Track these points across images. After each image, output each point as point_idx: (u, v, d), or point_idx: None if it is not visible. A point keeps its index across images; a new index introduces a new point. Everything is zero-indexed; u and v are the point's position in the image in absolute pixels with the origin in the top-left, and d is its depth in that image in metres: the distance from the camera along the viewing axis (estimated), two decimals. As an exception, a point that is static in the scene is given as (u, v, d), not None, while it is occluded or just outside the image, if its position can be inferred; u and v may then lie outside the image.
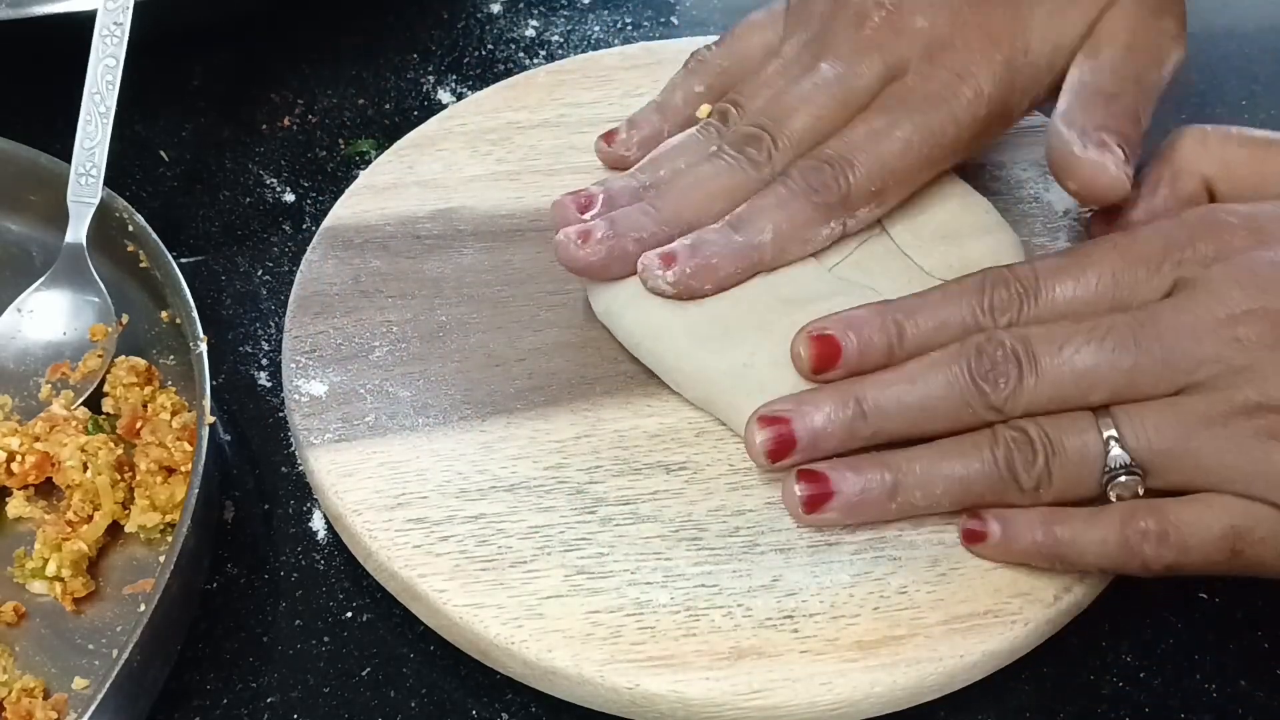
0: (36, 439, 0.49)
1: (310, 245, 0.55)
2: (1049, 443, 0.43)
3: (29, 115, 0.61)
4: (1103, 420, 0.43)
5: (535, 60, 0.68)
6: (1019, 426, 0.44)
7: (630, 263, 0.50)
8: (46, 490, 0.50)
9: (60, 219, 0.55)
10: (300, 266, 0.55)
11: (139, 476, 0.48)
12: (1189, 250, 0.44)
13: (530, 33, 0.69)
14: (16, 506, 0.49)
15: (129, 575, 0.48)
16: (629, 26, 0.70)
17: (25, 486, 0.49)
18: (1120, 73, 0.50)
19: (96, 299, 0.54)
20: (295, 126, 0.65)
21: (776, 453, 0.45)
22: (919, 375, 0.45)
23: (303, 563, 0.49)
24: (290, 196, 0.62)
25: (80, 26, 0.57)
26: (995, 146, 0.57)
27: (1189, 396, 0.42)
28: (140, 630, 0.42)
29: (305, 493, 0.51)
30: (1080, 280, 0.45)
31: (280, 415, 0.53)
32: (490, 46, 0.69)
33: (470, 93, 0.63)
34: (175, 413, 0.50)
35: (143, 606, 0.42)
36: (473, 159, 0.58)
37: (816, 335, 0.46)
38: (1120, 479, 0.43)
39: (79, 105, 0.55)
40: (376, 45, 0.69)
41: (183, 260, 0.56)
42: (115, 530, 0.49)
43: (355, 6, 0.71)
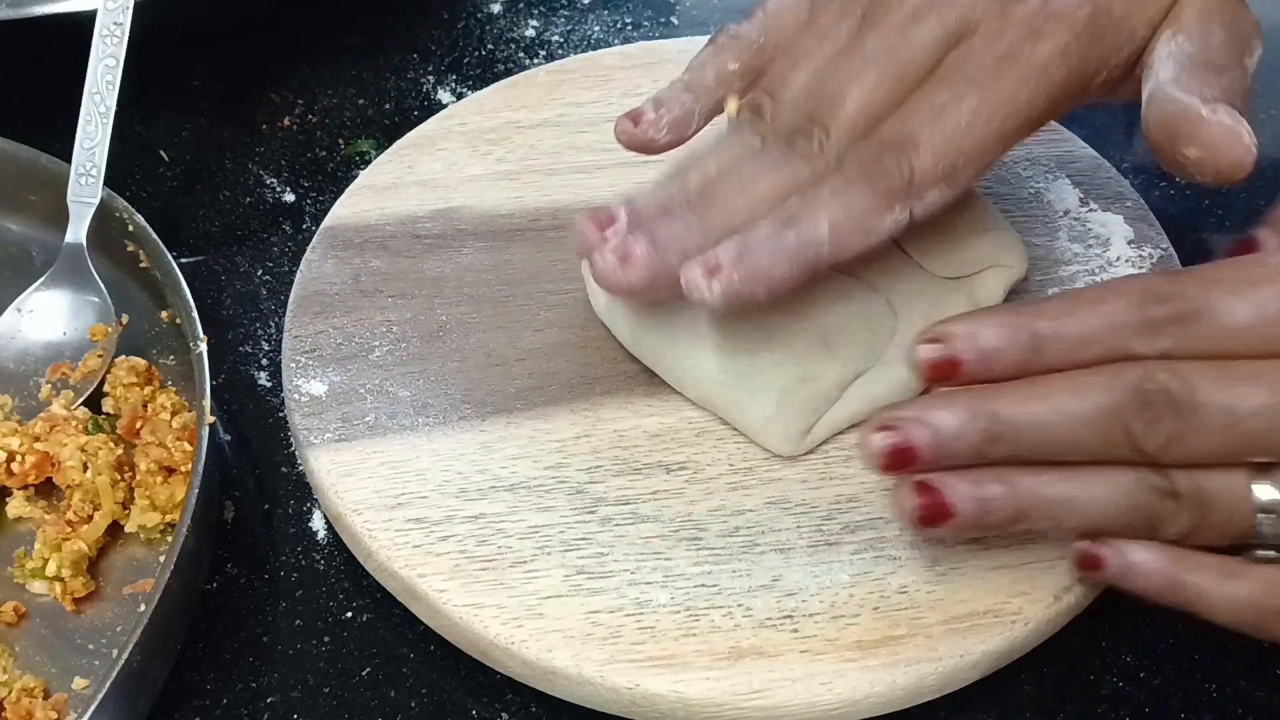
0: (36, 439, 0.49)
1: (310, 245, 0.55)
2: (1201, 502, 0.39)
3: (29, 115, 0.61)
4: (1259, 485, 0.39)
5: (535, 60, 0.68)
6: (1170, 480, 0.39)
7: (679, 282, 0.44)
8: (46, 490, 0.50)
9: (60, 219, 0.55)
10: (300, 266, 0.55)
11: (139, 476, 0.48)
12: None
13: (530, 33, 0.69)
14: (16, 506, 0.49)
15: (129, 575, 0.48)
16: (629, 26, 0.70)
17: (25, 486, 0.49)
18: (1226, 48, 0.44)
19: (96, 299, 0.54)
20: (295, 126, 0.65)
21: (892, 464, 0.41)
22: (1063, 402, 0.39)
23: (303, 563, 0.49)
24: (290, 196, 0.62)
25: (80, 26, 0.57)
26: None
27: None
28: (140, 630, 0.42)
29: (305, 493, 0.51)
30: (1258, 304, 0.38)
31: (280, 415, 0.53)
32: (490, 46, 0.69)
33: (470, 93, 0.63)
34: (175, 413, 0.50)
35: (143, 606, 0.42)
36: (473, 159, 0.58)
37: (932, 355, 0.41)
38: (1270, 553, 0.39)
39: (79, 105, 0.55)
40: (376, 45, 0.69)
41: (183, 260, 0.55)
42: (115, 530, 0.49)
43: (355, 6, 0.71)
